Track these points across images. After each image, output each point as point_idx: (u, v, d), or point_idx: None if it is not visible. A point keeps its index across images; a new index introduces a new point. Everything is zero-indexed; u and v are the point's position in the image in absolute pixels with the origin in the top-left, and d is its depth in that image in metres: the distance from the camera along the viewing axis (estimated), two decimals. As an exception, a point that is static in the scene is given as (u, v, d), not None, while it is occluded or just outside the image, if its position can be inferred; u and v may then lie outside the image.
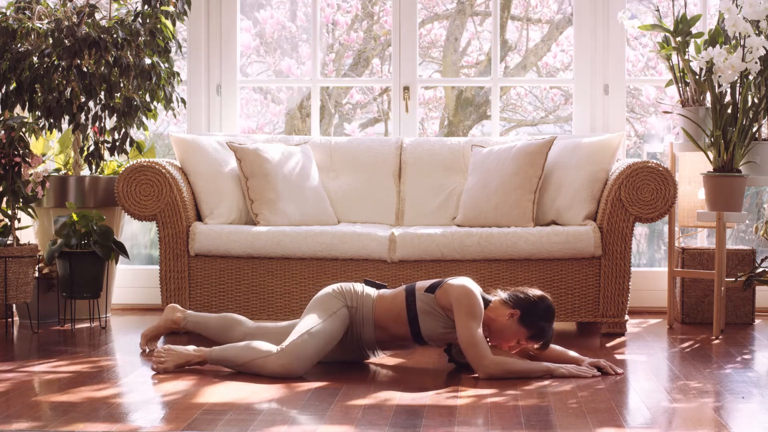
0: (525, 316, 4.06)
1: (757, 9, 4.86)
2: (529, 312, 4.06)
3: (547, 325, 4.07)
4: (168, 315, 4.61)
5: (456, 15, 7.11)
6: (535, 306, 4.07)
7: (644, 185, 5.02)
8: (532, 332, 4.06)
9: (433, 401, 3.64)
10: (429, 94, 7.20)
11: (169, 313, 4.62)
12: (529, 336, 4.07)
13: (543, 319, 4.06)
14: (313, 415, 3.44)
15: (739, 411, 3.54)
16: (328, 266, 5.09)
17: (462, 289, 4.07)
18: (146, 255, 6.72)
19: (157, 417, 3.40)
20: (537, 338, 4.07)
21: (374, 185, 5.59)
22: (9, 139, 4.92)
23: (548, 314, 4.08)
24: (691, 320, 5.47)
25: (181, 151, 5.39)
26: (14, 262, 4.88)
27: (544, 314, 4.07)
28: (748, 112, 4.97)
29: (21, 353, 4.59)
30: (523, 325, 4.06)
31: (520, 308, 4.07)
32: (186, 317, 4.58)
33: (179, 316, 4.59)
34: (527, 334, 4.06)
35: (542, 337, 4.07)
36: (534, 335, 4.07)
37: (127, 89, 5.45)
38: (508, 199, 5.22)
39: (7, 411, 3.46)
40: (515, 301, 4.09)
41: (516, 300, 4.09)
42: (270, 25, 7.05)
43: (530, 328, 4.05)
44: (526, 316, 4.06)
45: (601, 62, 5.89)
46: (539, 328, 4.06)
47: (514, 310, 4.07)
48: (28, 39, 5.36)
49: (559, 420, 3.36)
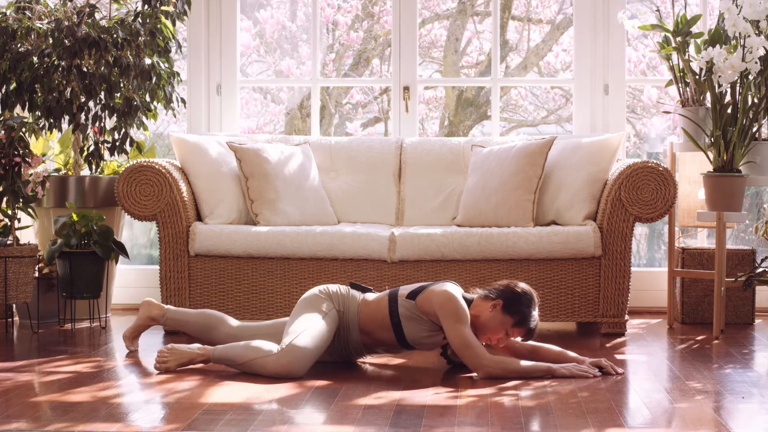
0: (507, 304, 4.07)
1: (757, 9, 4.86)
2: (510, 300, 4.08)
3: (529, 312, 4.07)
4: (145, 312, 4.55)
5: (456, 15, 7.11)
6: (516, 293, 4.09)
7: (644, 185, 5.02)
8: (516, 319, 4.06)
9: (433, 401, 3.64)
10: (429, 94, 7.20)
11: (146, 310, 4.55)
12: (514, 323, 4.07)
13: (526, 305, 4.07)
14: (313, 415, 3.44)
15: (739, 411, 3.54)
16: (328, 266, 5.09)
17: (443, 294, 4.08)
18: (146, 255, 6.72)
19: (157, 417, 3.40)
20: (521, 324, 4.07)
21: (374, 185, 5.59)
22: (9, 139, 4.92)
23: (530, 301, 4.09)
24: (691, 320, 5.47)
25: (181, 151, 5.39)
26: (14, 262, 4.88)
27: (526, 301, 4.08)
28: (748, 112, 4.97)
29: (21, 353, 4.59)
30: (507, 313, 4.07)
31: (501, 298, 4.09)
32: (165, 314, 4.51)
33: (157, 313, 4.52)
34: (512, 321, 4.07)
35: (525, 323, 4.07)
36: (518, 322, 4.07)
37: (127, 89, 5.45)
38: (508, 199, 5.22)
39: (7, 411, 3.46)
40: (497, 293, 4.11)
41: (497, 291, 4.12)
42: (270, 25, 7.05)
43: (514, 315, 4.06)
44: (509, 304, 4.07)
45: (601, 62, 5.89)
46: (522, 315, 4.06)
47: (497, 300, 4.08)
48: (28, 39, 5.36)
49: (559, 420, 3.36)
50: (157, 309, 4.54)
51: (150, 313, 4.54)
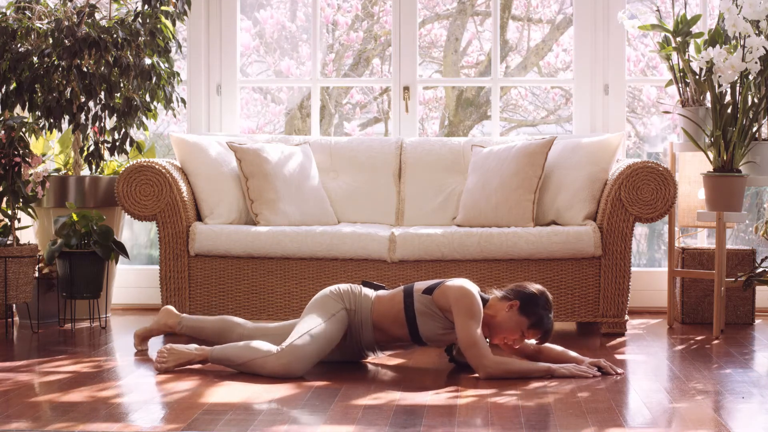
0: (524, 305, 4.07)
1: (757, 9, 4.86)
2: (527, 301, 4.08)
3: (546, 314, 4.08)
4: (162, 319, 4.55)
5: (456, 15, 7.11)
6: (533, 295, 4.09)
7: (644, 185, 5.02)
8: (532, 320, 4.06)
9: (433, 401, 3.64)
10: (429, 94, 7.20)
11: (164, 317, 4.55)
12: (530, 325, 4.07)
13: (542, 308, 4.08)
14: (313, 415, 3.44)
15: (739, 411, 3.54)
16: (328, 266, 5.09)
17: (460, 290, 4.08)
18: (146, 255, 6.72)
19: (157, 417, 3.40)
20: (537, 326, 4.07)
21: (374, 185, 5.59)
22: (9, 139, 4.92)
23: (547, 303, 4.10)
24: (691, 320, 5.47)
25: (181, 151, 5.39)
26: (14, 262, 4.88)
27: (543, 303, 4.09)
28: (748, 112, 4.97)
29: (21, 353, 4.59)
30: (523, 314, 4.07)
31: (519, 299, 4.09)
32: (181, 321, 4.51)
33: (174, 321, 4.52)
34: (528, 323, 4.07)
35: (542, 326, 4.07)
36: (534, 323, 4.07)
37: (127, 89, 5.45)
38: (508, 199, 5.22)
39: (7, 411, 3.46)
40: (514, 293, 4.11)
41: (514, 292, 4.12)
42: (270, 25, 7.05)
43: (530, 316, 4.06)
44: (525, 306, 4.07)
45: (601, 62, 5.89)
46: (539, 317, 4.06)
47: (514, 301, 4.08)
48: (28, 39, 5.36)
49: (559, 420, 3.36)
50: (175, 318, 4.54)
51: (167, 321, 4.54)
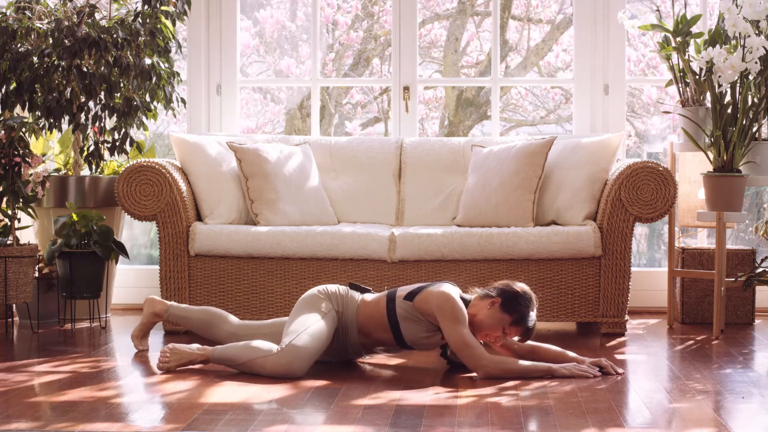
0: (506, 302, 4.08)
1: (757, 9, 4.86)
2: (509, 298, 4.09)
3: (527, 311, 4.08)
4: (149, 309, 4.58)
5: (456, 15, 7.11)
6: (515, 293, 4.10)
7: (644, 185, 5.02)
8: (514, 317, 4.07)
9: (433, 401, 3.64)
10: (429, 94, 7.20)
11: (149, 307, 4.58)
12: (512, 321, 4.07)
13: (524, 305, 4.08)
14: (313, 415, 3.44)
15: (739, 411, 3.54)
16: (328, 266, 5.09)
17: (441, 295, 4.09)
18: (146, 255, 6.72)
19: (157, 417, 3.40)
20: (519, 323, 4.07)
21: (374, 185, 5.59)
22: (9, 139, 4.92)
23: (528, 301, 4.10)
24: (691, 320, 5.47)
25: (181, 151, 5.39)
26: (14, 262, 4.88)
27: (524, 300, 4.09)
28: (748, 112, 4.97)
29: (21, 353, 4.59)
30: (504, 311, 4.07)
31: (501, 296, 4.10)
32: (168, 309, 4.54)
33: (161, 308, 4.55)
34: (510, 319, 4.07)
35: (523, 323, 4.08)
36: (516, 320, 4.07)
37: (127, 89, 5.45)
38: (508, 199, 5.22)
39: (7, 411, 3.46)
40: (496, 291, 4.13)
41: (497, 290, 4.13)
42: (270, 25, 7.05)
43: (512, 313, 4.07)
44: (507, 302, 4.08)
45: (601, 62, 5.89)
46: (521, 314, 4.07)
47: (495, 298, 4.09)
48: (28, 39, 5.36)
49: (559, 420, 3.36)
50: (161, 305, 4.56)
51: (154, 309, 4.56)
